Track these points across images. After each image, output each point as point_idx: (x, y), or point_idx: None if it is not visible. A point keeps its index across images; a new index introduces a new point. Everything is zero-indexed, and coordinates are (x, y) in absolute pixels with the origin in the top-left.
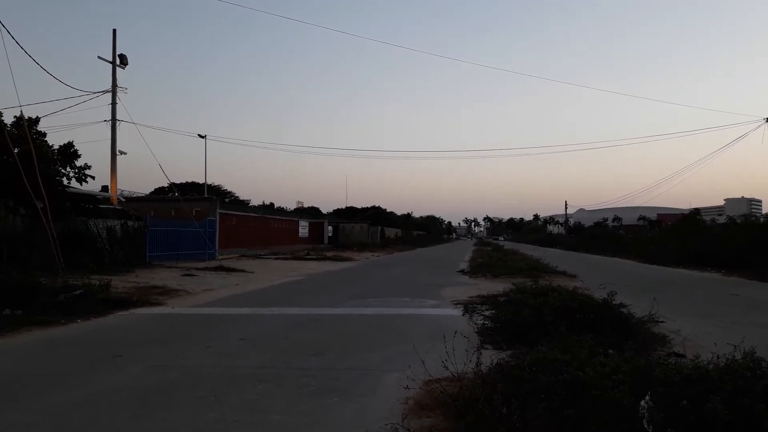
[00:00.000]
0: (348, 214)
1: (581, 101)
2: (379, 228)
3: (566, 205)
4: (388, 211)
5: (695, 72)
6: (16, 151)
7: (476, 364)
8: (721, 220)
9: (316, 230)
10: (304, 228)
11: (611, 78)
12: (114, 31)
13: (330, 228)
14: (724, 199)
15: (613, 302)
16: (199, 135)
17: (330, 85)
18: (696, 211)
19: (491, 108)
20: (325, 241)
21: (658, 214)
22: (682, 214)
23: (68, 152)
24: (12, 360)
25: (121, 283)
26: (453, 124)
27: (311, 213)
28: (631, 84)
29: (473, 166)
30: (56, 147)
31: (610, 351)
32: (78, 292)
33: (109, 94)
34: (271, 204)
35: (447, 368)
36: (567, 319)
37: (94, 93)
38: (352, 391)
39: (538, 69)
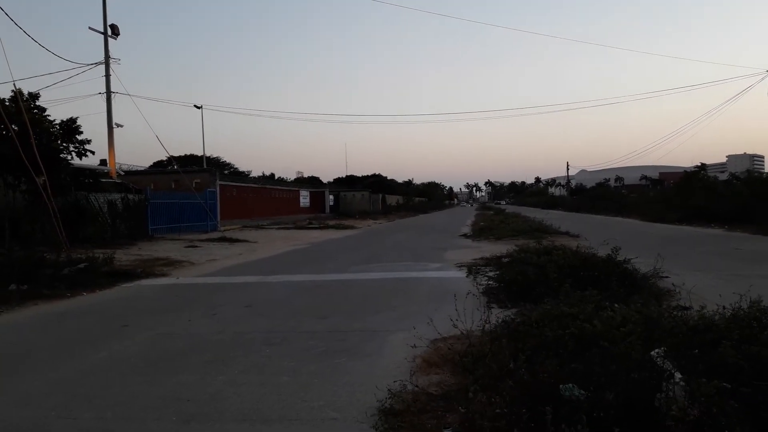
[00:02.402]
0: (349, 182)
1: (582, 59)
2: (380, 196)
3: (568, 166)
4: (388, 178)
5: (697, 25)
6: (14, 126)
7: (484, 321)
8: (724, 177)
9: (317, 200)
10: (305, 198)
11: (611, 34)
12: (104, 0)
13: (331, 197)
14: (727, 156)
15: (617, 258)
16: (195, 105)
17: (328, 49)
18: (701, 167)
19: (491, 69)
20: (327, 210)
21: (660, 173)
22: (685, 171)
23: (71, 127)
24: (21, 333)
25: (124, 256)
26: (452, 86)
27: (312, 183)
28: (631, 39)
29: (474, 129)
30: (57, 122)
31: (616, 305)
32: (82, 265)
33: (103, 66)
34: (272, 175)
35: (456, 326)
36: (571, 276)
37: (88, 65)
38: (360, 352)
39: (538, 26)
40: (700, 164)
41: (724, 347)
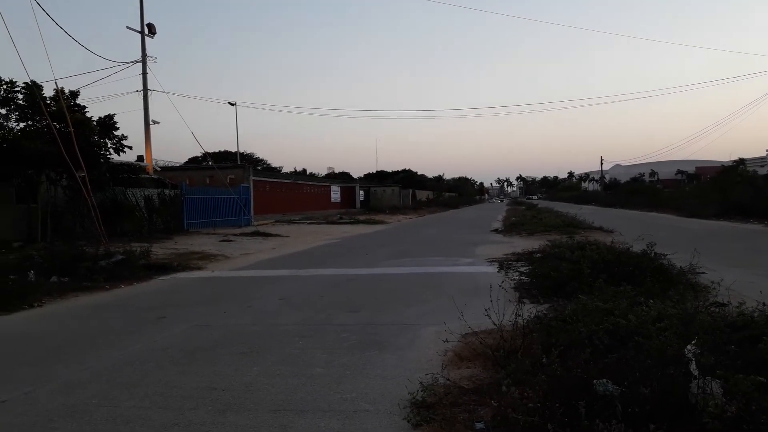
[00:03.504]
0: (379, 177)
1: (617, 52)
2: (411, 191)
3: (602, 160)
4: (419, 173)
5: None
6: (55, 124)
7: (516, 316)
8: (764, 171)
9: (347, 195)
10: (335, 193)
11: (647, 25)
12: (141, 0)
13: (361, 192)
14: (767, 150)
15: (653, 253)
16: (229, 102)
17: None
18: (740, 161)
19: (523, 63)
20: (357, 205)
21: (696, 168)
22: (723, 165)
23: (108, 124)
24: (62, 323)
25: (161, 249)
26: (485, 81)
27: (342, 178)
28: (668, 31)
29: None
30: (95, 119)
31: (651, 301)
32: (120, 258)
33: (140, 65)
34: (303, 170)
35: (489, 317)
36: (605, 271)
37: (125, 63)
38: (391, 345)
39: (571, 18)
40: (738, 159)
41: (765, 343)
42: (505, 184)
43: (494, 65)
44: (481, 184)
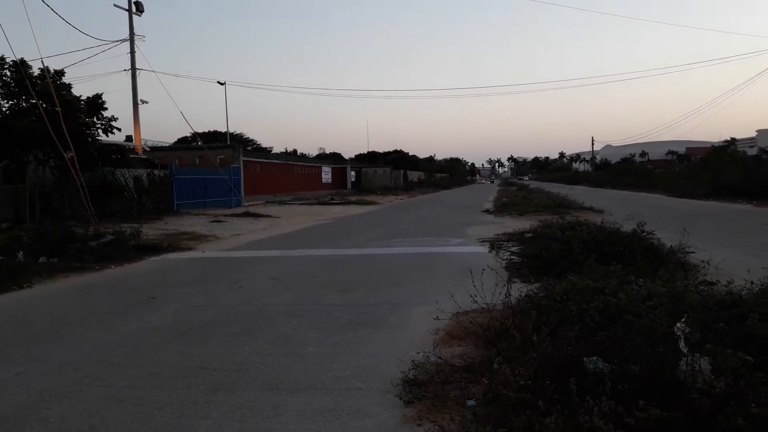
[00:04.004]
0: (370, 158)
1: (607, 32)
2: (402, 171)
3: (593, 141)
4: (410, 154)
5: None
6: (41, 103)
7: (506, 295)
8: (753, 152)
9: (339, 175)
10: (327, 173)
11: (637, 5)
12: None
13: (353, 173)
14: (756, 131)
15: (643, 233)
16: (218, 82)
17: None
18: (731, 141)
19: (515, 43)
20: (348, 186)
21: (687, 148)
22: (713, 146)
23: (96, 103)
24: (52, 304)
25: (151, 230)
26: (475, 61)
27: (333, 159)
28: (658, 11)
29: (497, 105)
30: (83, 98)
31: (641, 280)
32: (109, 238)
33: (127, 44)
34: (294, 151)
35: (477, 298)
36: (596, 251)
37: (113, 42)
38: (383, 324)
39: None
40: (729, 138)
41: (752, 320)
42: (497, 164)
43: (486, 45)
44: (473, 164)
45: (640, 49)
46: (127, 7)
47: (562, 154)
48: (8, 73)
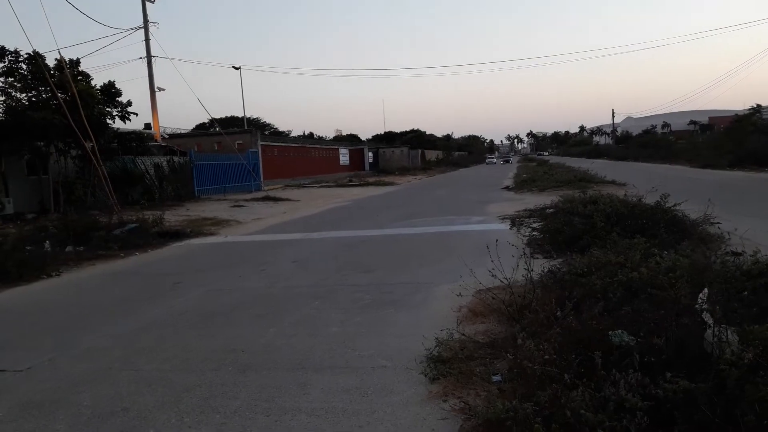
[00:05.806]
0: (387, 139)
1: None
2: (420, 151)
3: (613, 113)
4: (427, 133)
5: None
6: (60, 93)
7: (528, 271)
8: None
9: (356, 157)
10: (344, 155)
11: None
12: None
13: (370, 154)
14: None
15: (666, 205)
16: (233, 66)
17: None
18: (756, 109)
19: (533, 17)
20: (366, 167)
21: (709, 118)
22: (736, 115)
23: (110, 91)
24: (81, 292)
25: (173, 216)
26: (493, 36)
27: (351, 140)
28: None
29: (515, 79)
30: (98, 87)
31: (665, 252)
32: (133, 226)
33: (141, 32)
34: (311, 133)
35: (497, 274)
36: (618, 224)
37: (127, 30)
38: (405, 303)
39: None
40: (756, 105)
41: None
42: (516, 140)
43: (502, 20)
44: (492, 141)
45: (663, 18)
46: None
47: (582, 128)
48: (24, 66)
